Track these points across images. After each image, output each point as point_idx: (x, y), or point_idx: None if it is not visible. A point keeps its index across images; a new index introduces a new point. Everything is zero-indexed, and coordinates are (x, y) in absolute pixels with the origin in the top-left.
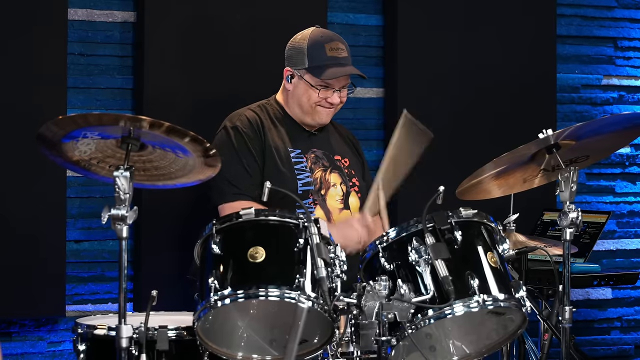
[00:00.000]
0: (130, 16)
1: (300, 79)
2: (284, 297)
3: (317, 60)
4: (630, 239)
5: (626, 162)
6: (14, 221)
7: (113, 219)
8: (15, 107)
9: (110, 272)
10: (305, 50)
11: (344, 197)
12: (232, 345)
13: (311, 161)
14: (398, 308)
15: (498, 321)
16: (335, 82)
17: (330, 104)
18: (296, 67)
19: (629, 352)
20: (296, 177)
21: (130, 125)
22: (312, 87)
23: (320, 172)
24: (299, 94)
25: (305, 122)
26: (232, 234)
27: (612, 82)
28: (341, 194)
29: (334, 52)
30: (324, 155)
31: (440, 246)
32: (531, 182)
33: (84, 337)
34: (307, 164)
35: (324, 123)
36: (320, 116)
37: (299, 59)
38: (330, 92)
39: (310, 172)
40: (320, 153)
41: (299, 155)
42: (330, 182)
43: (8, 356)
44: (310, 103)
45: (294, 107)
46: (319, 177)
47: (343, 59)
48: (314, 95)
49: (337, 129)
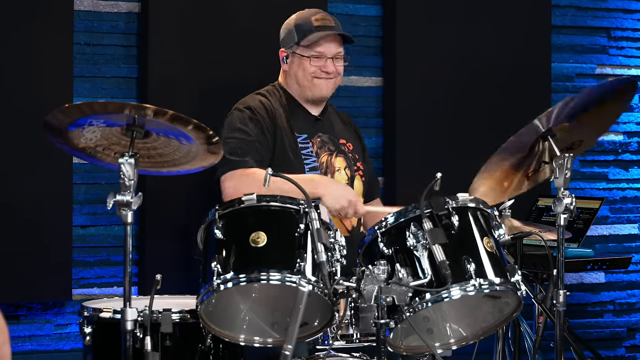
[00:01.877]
0: (135, 7)
1: (294, 55)
2: (285, 281)
3: (304, 32)
4: (623, 224)
5: (619, 149)
6: (21, 207)
7: (118, 205)
8: (23, 96)
9: (115, 256)
10: (294, 27)
11: (349, 181)
12: (234, 328)
13: (317, 146)
14: (396, 292)
15: (494, 304)
16: (325, 49)
17: (326, 72)
18: (288, 46)
19: (622, 334)
20: (303, 162)
21: (135, 114)
22: (304, 57)
23: (326, 156)
24: (294, 70)
25: (307, 99)
26: (235, 220)
27: (606, 72)
28: (346, 178)
29: (319, 21)
30: (330, 139)
31: (437, 231)
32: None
33: (90, 320)
34: (314, 149)
35: (324, 96)
36: (320, 88)
37: (289, 37)
38: (323, 61)
39: (317, 156)
40: (326, 137)
41: (305, 140)
42: (335, 166)
43: (16, 338)
44: (307, 76)
45: (293, 85)
46: (325, 162)
47: (329, 27)
48: (307, 66)
49: (339, 115)
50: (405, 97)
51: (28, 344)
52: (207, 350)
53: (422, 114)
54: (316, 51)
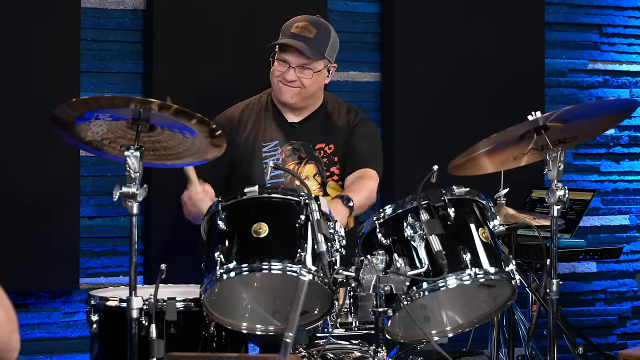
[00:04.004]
0: (140, 4)
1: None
2: (286, 270)
3: (281, 36)
4: (614, 215)
5: (610, 142)
6: (30, 199)
7: (124, 197)
8: (32, 91)
9: (121, 246)
10: (282, 28)
11: (321, 187)
12: (237, 316)
13: (285, 153)
14: (394, 281)
15: (489, 293)
16: (289, 58)
17: (286, 80)
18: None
19: (613, 322)
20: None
21: (141, 108)
22: (274, 61)
23: (293, 165)
24: (271, 71)
25: (280, 103)
26: (237, 211)
27: (598, 67)
28: (317, 184)
29: (297, 29)
30: (302, 146)
31: (434, 222)
32: (520, 160)
33: (96, 308)
34: (281, 157)
35: (288, 102)
36: (283, 94)
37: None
38: (285, 67)
39: (283, 163)
40: (299, 144)
41: (274, 147)
42: (302, 174)
43: (25, 326)
44: (273, 79)
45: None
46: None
47: (302, 37)
48: (275, 70)
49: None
50: (402, 92)
51: (37, 332)
52: (210, 337)
53: (419, 108)
54: (282, 57)
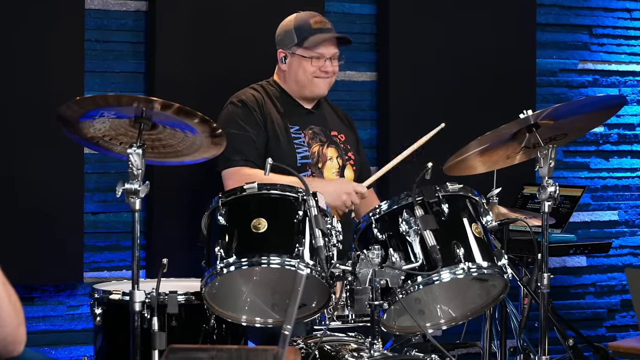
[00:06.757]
0: (143, 5)
1: (293, 55)
2: (285, 264)
3: (304, 34)
4: (604, 211)
5: (600, 140)
6: (36, 196)
7: (127, 193)
8: (37, 90)
9: (124, 241)
10: (293, 29)
11: (340, 170)
12: (236, 309)
13: (309, 137)
14: (390, 275)
15: (482, 287)
16: (324, 51)
17: (325, 72)
18: (287, 47)
19: (602, 315)
20: (295, 150)
21: (143, 106)
22: (304, 58)
23: (317, 146)
24: (294, 70)
25: (304, 97)
26: (237, 207)
27: (588, 67)
28: (337, 167)
29: (318, 24)
30: (321, 131)
31: (428, 218)
32: (513, 159)
33: (100, 302)
34: (305, 139)
35: (322, 94)
36: (319, 87)
37: (288, 38)
38: (322, 61)
39: (308, 146)
40: (318, 129)
41: (297, 131)
42: (327, 155)
43: (30, 319)
44: (307, 75)
45: (291, 84)
46: (317, 151)
47: (327, 29)
48: (308, 66)
49: (333, 108)
50: (398, 91)
51: (42, 324)
52: (210, 330)
53: (413, 106)
54: (317, 52)
